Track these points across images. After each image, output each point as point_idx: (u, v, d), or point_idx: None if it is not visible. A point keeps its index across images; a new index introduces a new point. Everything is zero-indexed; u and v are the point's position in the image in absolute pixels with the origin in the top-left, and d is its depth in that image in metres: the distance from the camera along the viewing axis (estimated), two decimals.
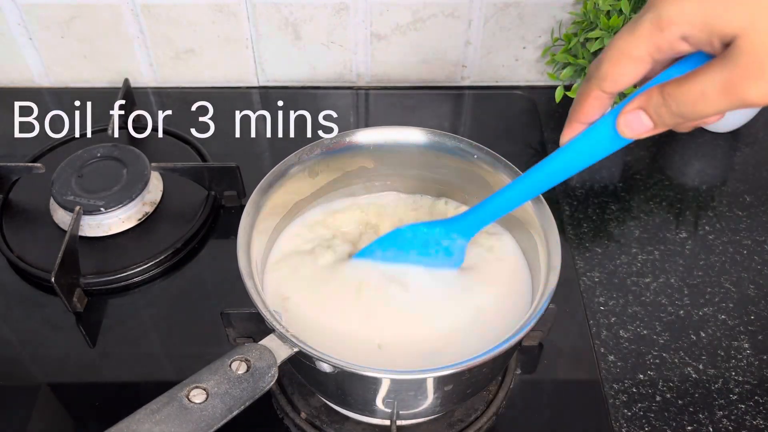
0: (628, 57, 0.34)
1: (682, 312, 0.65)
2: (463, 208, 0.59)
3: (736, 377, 0.60)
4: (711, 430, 0.56)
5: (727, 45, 0.31)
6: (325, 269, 0.55)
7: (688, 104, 0.33)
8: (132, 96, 0.82)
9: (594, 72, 0.36)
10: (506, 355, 0.49)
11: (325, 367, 0.44)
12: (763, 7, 0.29)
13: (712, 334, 0.63)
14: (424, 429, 0.56)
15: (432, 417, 0.55)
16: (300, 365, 0.48)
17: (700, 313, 0.64)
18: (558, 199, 0.74)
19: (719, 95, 0.31)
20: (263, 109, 0.87)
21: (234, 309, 0.55)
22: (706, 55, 0.33)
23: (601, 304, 0.65)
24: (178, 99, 0.87)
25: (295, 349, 0.44)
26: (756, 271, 0.68)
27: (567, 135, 0.40)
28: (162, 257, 0.67)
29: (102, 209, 0.68)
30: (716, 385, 0.59)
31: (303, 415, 0.56)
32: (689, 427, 0.57)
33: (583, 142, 0.39)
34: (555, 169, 0.42)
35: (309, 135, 0.78)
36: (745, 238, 0.71)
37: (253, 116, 0.86)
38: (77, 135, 0.80)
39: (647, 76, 0.35)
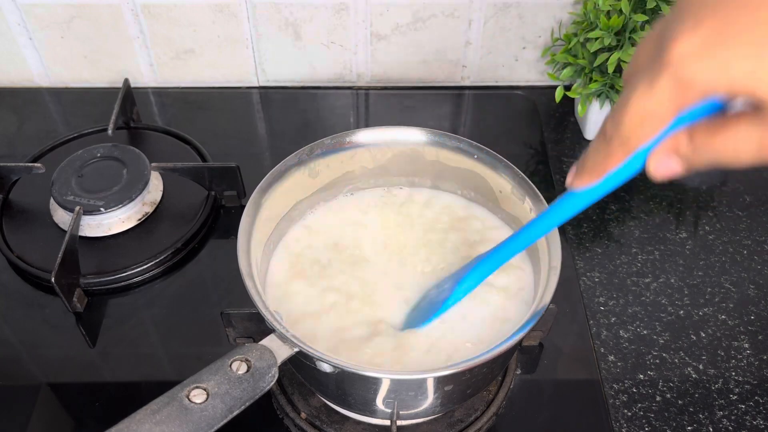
0: (652, 117, 0.31)
1: (682, 312, 0.65)
2: (460, 203, 0.59)
3: (736, 377, 0.60)
4: (711, 430, 0.56)
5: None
6: (327, 270, 0.55)
7: (719, 156, 0.32)
8: (132, 96, 0.82)
9: (614, 133, 0.33)
10: (506, 355, 0.49)
11: (325, 367, 0.44)
12: None
13: (712, 334, 0.63)
14: (424, 429, 0.56)
15: (432, 417, 0.55)
16: (300, 365, 0.48)
17: (700, 313, 0.64)
18: None
19: (752, 151, 0.30)
20: (263, 109, 0.87)
21: (234, 309, 0.55)
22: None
23: (601, 304, 0.65)
24: (178, 99, 0.87)
25: (295, 349, 0.44)
26: (756, 271, 0.68)
27: (582, 184, 0.37)
28: (162, 257, 0.67)
29: (102, 209, 0.68)
30: (716, 385, 0.59)
31: (303, 415, 0.56)
32: (689, 427, 0.57)
33: (601, 185, 0.38)
34: (569, 208, 0.40)
35: (309, 135, 0.78)
36: (745, 238, 0.71)
37: (253, 116, 0.86)
38: (77, 135, 0.80)
39: None
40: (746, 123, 0.30)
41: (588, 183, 0.37)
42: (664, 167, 0.34)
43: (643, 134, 0.32)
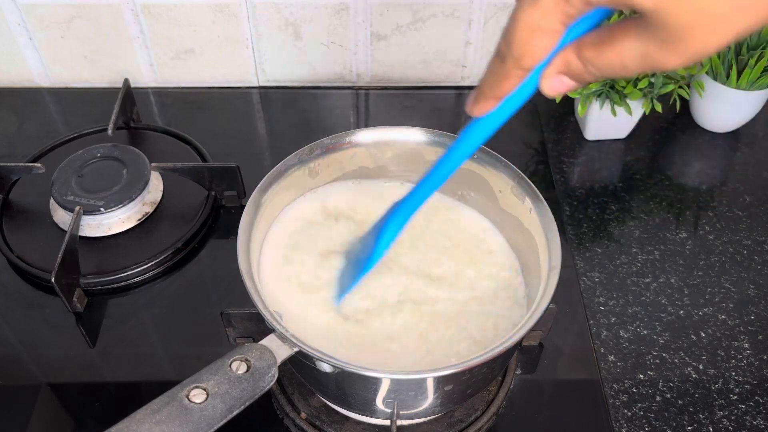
0: (540, 31, 0.31)
1: (682, 312, 0.65)
2: (459, 204, 0.59)
3: (736, 377, 0.60)
4: (711, 430, 0.56)
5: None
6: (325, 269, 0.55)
7: (608, 70, 0.32)
8: (132, 96, 0.82)
9: (506, 51, 0.33)
10: (506, 355, 0.49)
11: (325, 367, 0.44)
12: None
13: (712, 334, 0.63)
14: (424, 429, 0.56)
15: (432, 417, 0.55)
16: (300, 365, 0.48)
17: (700, 313, 0.64)
18: (558, 199, 0.74)
19: (638, 63, 0.31)
20: (263, 109, 0.87)
21: (234, 309, 0.55)
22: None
23: (601, 304, 0.65)
24: (178, 99, 0.87)
25: (295, 349, 0.44)
26: (756, 271, 0.68)
27: (481, 110, 0.36)
28: (162, 257, 0.67)
29: (102, 209, 0.68)
30: (716, 385, 0.59)
31: (303, 415, 0.56)
32: (689, 427, 0.57)
33: (499, 110, 0.37)
34: (474, 138, 0.39)
35: (309, 135, 0.78)
36: (745, 238, 0.71)
37: (253, 116, 0.86)
38: (77, 135, 0.80)
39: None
40: (628, 36, 0.30)
41: (487, 108, 0.36)
42: (557, 85, 0.34)
43: (536, 50, 0.32)
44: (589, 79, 0.34)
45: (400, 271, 0.54)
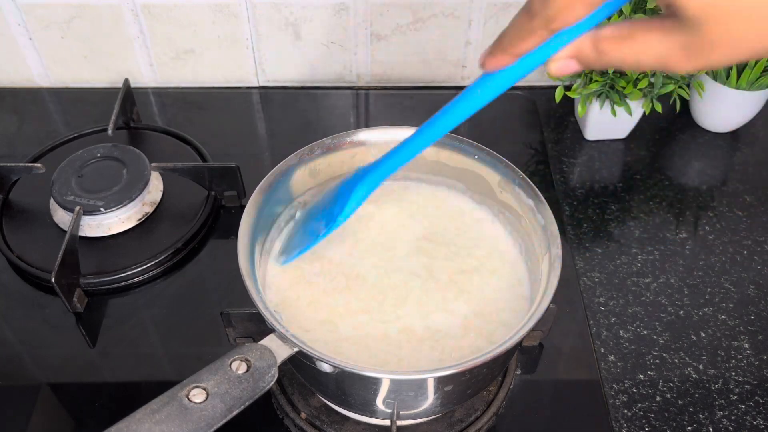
0: (582, 1, 0.31)
1: (682, 312, 0.65)
2: (459, 203, 0.59)
3: (736, 377, 0.60)
4: (711, 430, 0.56)
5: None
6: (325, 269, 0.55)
7: (620, 63, 0.33)
8: (132, 96, 0.82)
9: (541, 10, 0.32)
10: (506, 355, 0.49)
11: (325, 367, 0.44)
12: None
13: (712, 334, 0.63)
14: (424, 429, 0.56)
15: (432, 417, 0.55)
16: (300, 365, 0.48)
17: (700, 313, 0.64)
18: (558, 199, 0.74)
19: (653, 63, 0.31)
20: (263, 109, 0.87)
21: (234, 309, 0.55)
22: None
23: (601, 304, 0.65)
24: (178, 99, 0.87)
25: (295, 349, 0.44)
26: (756, 271, 0.68)
27: (496, 64, 0.36)
28: (162, 257, 0.67)
29: (102, 209, 0.68)
30: (716, 386, 0.59)
31: (303, 415, 0.56)
32: (689, 428, 0.57)
33: (508, 72, 0.37)
34: (479, 95, 0.39)
35: (309, 135, 0.78)
36: (745, 238, 0.71)
37: (253, 116, 0.86)
38: (77, 135, 0.80)
39: None
40: (655, 34, 0.31)
41: (502, 63, 0.36)
42: (564, 67, 0.34)
43: (569, 16, 0.32)
44: (597, 67, 0.34)
45: (405, 269, 0.55)
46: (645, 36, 0.31)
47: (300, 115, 0.85)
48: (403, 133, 0.57)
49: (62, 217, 0.70)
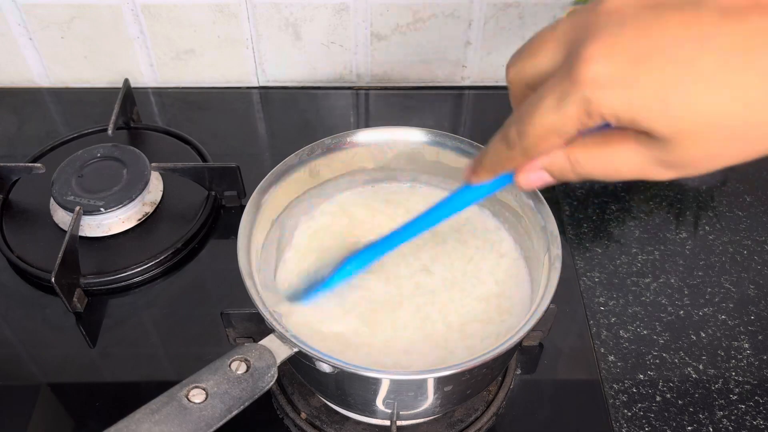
0: (557, 135, 0.32)
1: (682, 312, 0.65)
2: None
3: (736, 377, 0.60)
4: (711, 430, 0.56)
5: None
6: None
7: (597, 173, 0.33)
8: (132, 96, 0.82)
9: (516, 141, 0.34)
10: (506, 355, 0.49)
11: (325, 368, 0.44)
12: (695, 119, 0.28)
13: (712, 334, 0.63)
14: (424, 429, 0.56)
15: (432, 417, 0.55)
16: (300, 365, 0.48)
17: (700, 313, 0.64)
18: (558, 199, 0.74)
19: (633, 172, 0.32)
20: (263, 109, 0.87)
21: (234, 309, 0.55)
22: None
23: (601, 304, 0.65)
24: (178, 99, 0.87)
25: (295, 349, 0.44)
26: (756, 271, 0.68)
27: (479, 180, 0.39)
28: (162, 257, 0.67)
29: (102, 209, 0.68)
30: (716, 386, 0.59)
31: (303, 415, 0.56)
32: (689, 428, 0.57)
33: (489, 185, 0.40)
34: (464, 198, 0.43)
35: (309, 135, 0.78)
36: (745, 238, 0.71)
37: (253, 116, 0.86)
38: (77, 135, 0.80)
39: None
40: (630, 146, 0.31)
41: (485, 180, 0.38)
42: (535, 180, 0.35)
43: (546, 147, 0.33)
44: (570, 179, 0.34)
45: (404, 269, 0.55)
46: (620, 146, 0.31)
47: (300, 115, 0.85)
48: (403, 133, 0.57)
49: (62, 217, 0.70)
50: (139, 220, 0.70)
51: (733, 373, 0.60)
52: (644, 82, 0.28)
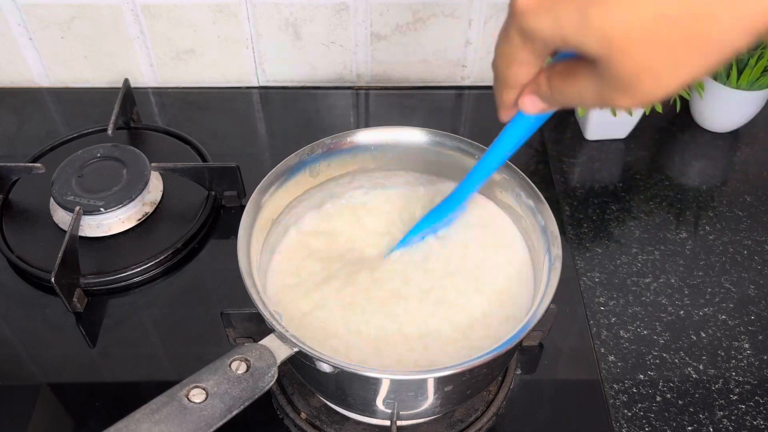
0: (515, 62, 0.35)
1: (682, 312, 0.65)
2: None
3: (736, 377, 0.60)
4: (711, 430, 0.56)
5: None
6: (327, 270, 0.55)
7: (569, 100, 0.35)
8: (132, 96, 0.82)
9: (494, 73, 0.37)
10: (506, 355, 0.49)
11: (325, 367, 0.44)
12: (618, 32, 0.29)
13: (712, 334, 0.63)
14: (424, 429, 0.56)
15: (432, 417, 0.55)
16: (300, 365, 0.48)
17: (700, 313, 0.64)
18: (558, 199, 0.74)
19: (595, 100, 0.33)
20: (263, 109, 0.87)
21: (234, 309, 0.55)
22: None
23: (601, 304, 0.65)
24: (178, 99, 0.87)
25: (295, 349, 0.44)
26: (756, 271, 0.68)
27: (503, 116, 0.41)
28: (162, 257, 0.67)
29: (102, 209, 0.68)
30: (716, 386, 0.59)
31: (303, 415, 0.56)
32: (689, 428, 0.57)
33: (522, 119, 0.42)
34: (509, 143, 0.46)
35: (309, 135, 0.78)
36: (745, 238, 0.71)
37: (253, 116, 0.86)
38: (77, 135, 0.80)
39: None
40: (584, 76, 0.32)
41: (507, 115, 0.41)
42: (529, 105, 0.37)
43: (515, 75, 0.36)
44: (556, 104, 0.36)
45: (411, 267, 0.55)
46: (578, 74, 0.33)
47: (300, 115, 0.85)
48: (403, 133, 0.57)
49: (62, 217, 0.70)
50: (139, 220, 0.70)
51: (734, 373, 0.60)
52: (565, 3, 0.30)
